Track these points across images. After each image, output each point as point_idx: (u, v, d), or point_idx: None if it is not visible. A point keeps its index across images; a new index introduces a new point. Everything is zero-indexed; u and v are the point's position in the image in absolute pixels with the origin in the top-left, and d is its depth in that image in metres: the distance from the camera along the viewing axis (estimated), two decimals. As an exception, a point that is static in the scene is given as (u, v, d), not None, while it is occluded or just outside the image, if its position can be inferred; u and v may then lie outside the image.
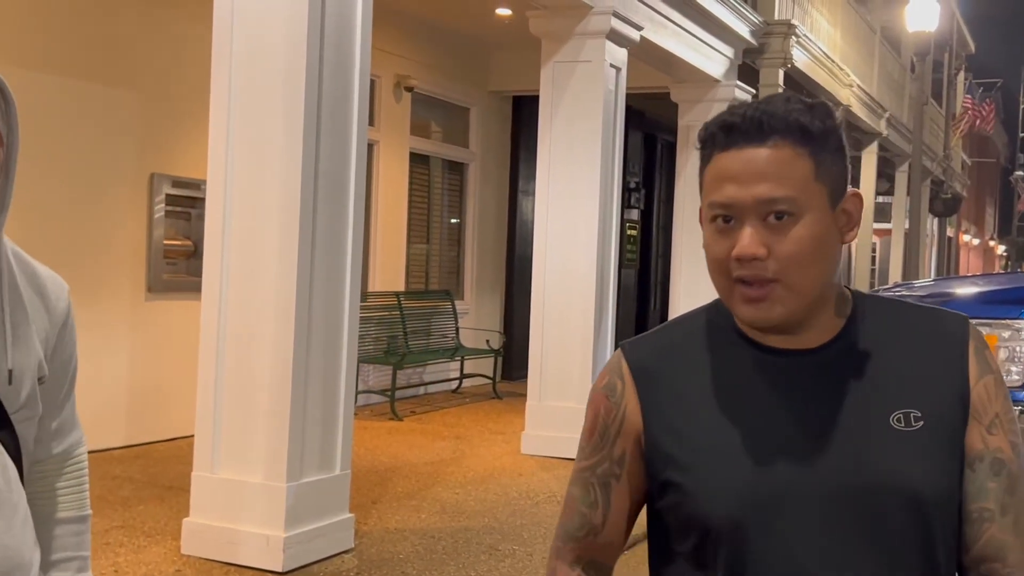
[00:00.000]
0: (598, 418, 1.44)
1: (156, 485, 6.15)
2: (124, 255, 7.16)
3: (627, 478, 1.42)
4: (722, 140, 1.32)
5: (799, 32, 11.37)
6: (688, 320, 1.47)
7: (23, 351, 1.58)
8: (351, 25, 4.95)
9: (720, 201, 1.31)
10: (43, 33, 6.47)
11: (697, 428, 1.34)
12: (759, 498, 1.29)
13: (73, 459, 1.75)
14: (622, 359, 1.44)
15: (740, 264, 1.29)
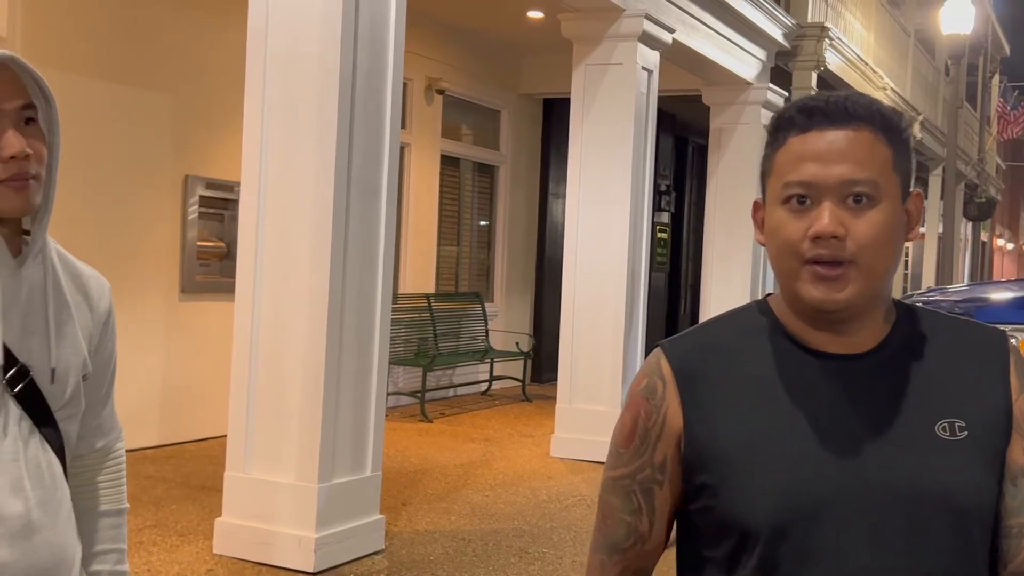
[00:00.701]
0: (638, 422, 1.40)
1: (188, 485, 6.20)
2: (158, 256, 7.22)
3: (669, 483, 1.38)
4: (802, 122, 1.31)
5: (832, 35, 11.30)
6: (729, 319, 1.45)
7: (67, 349, 1.61)
8: (384, 28, 4.98)
9: (799, 180, 1.29)
10: (81, 37, 6.54)
11: (739, 430, 1.32)
12: (800, 502, 1.28)
13: (113, 454, 1.79)
14: (662, 358, 1.40)
15: (817, 243, 1.27)
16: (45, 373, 1.57)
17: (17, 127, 1.49)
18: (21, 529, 1.51)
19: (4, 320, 1.51)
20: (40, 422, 1.57)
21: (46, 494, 1.56)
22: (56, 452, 1.60)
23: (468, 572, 4.87)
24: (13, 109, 1.49)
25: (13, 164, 1.48)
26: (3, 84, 1.49)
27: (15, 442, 1.53)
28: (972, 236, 29.17)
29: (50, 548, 1.55)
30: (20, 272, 1.54)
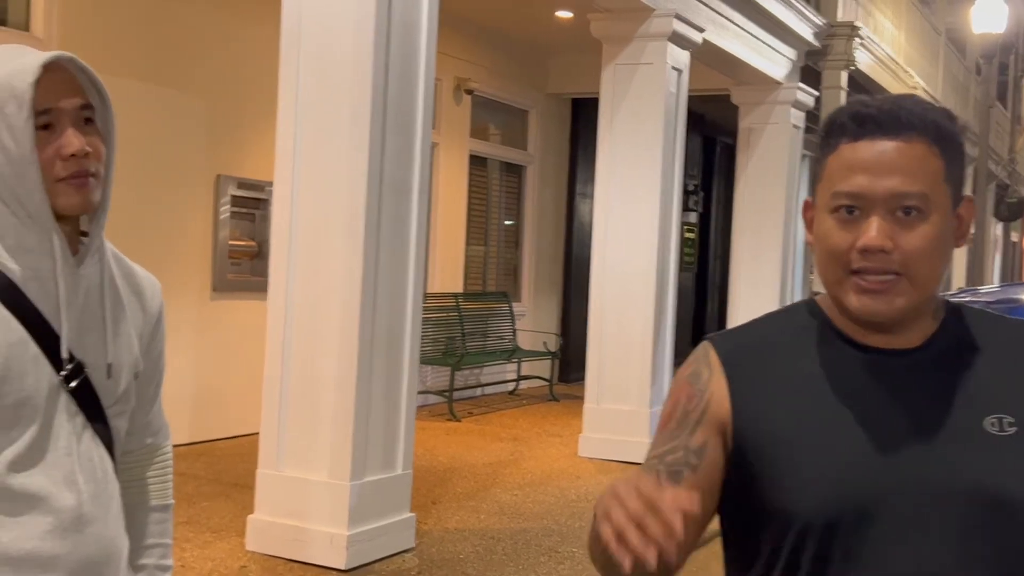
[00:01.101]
0: (678, 405, 1.38)
1: (220, 482, 6.25)
2: (190, 255, 7.28)
3: (705, 470, 1.34)
4: (853, 130, 1.30)
5: (863, 34, 11.24)
6: (778, 316, 1.45)
7: (121, 347, 1.64)
8: (416, 29, 5.00)
9: (849, 191, 1.28)
10: (115, 39, 6.60)
11: (788, 423, 1.32)
12: (849, 497, 1.28)
13: (161, 451, 1.82)
14: (710, 349, 1.41)
15: (864, 256, 1.27)
16: (100, 369, 1.59)
17: (76, 126, 1.52)
18: (73, 522, 1.54)
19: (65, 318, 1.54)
20: (92, 418, 1.60)
21: (98, 488, 1.59)
22: (107, 448, 1.63)
23: (498, 571, 4.89)
24: (72, 108, 1.52)
25: (73, 162, 1.51)
26: (62, 84, 1.51)
27: (69, 437, 1.56)
28: (1003, 236, 28.93)
29: (101, 541, 1.58)
30: (78, 271, 1.58)
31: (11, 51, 1.53)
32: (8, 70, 1.49)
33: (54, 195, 1.51)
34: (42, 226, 1.52)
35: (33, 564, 1.50)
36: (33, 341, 1.51)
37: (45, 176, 1.50)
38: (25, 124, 1.47)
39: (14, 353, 1.49)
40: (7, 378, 1.48)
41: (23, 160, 1.48)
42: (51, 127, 1.51)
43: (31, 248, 1.52)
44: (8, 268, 1.51)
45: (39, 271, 1.53)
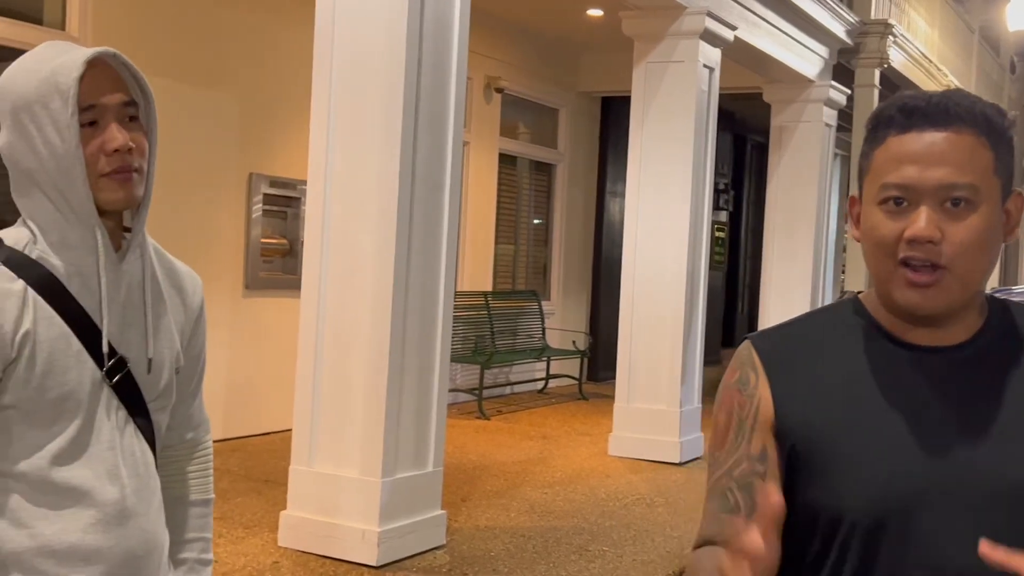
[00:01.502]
0: (732, 416, 1.38)
1: (253, 478, 6.29)
2: (223, 253, 7.33)
3: (772, 474, 1.35)
4: (901, 122, 1.29)
5: (896, 32, 11.15)
6: (819, 314, 1.45)
7: (162, 342, 1.65)
8: (449, 27, 5.01)
9: (897, 182, 1.28)
10: (148, 37, 6.66)
11: (833, 421, 1.32)
12: (896, 495, 1.27)
13: (201, 446, 1.83)
14: (752, 349, 1.40)
15: (911, 246, 1.26)
16: (142, 364, 1.61)
17: (120, 122, 1.53)
18: (116, 515, 1.56)
19: (107, 313, 1.56)
20: (135, 413, 1.61)
21: (140, 482, 1.60)
22: (148, 442, 1.65)
23: (529, 569, 4.89)
24: (116, 104, 1.53)
25: (117, 157, 1.52)
26: (106, 80, 1.53)
27: (112, 431, 1.57)
28: (1036, 236, 28.56)
29: (143, 535, 1.60)
30: (120, 266, 1.59)
31: (56, 48, 1.55)
32: (53, 66, 1.50)
33: (98, 190, 1.53)
34: (85, 222, 1.53)
35: (76, 557, 1.52)
36: (75, 336, 1.52)
37: (89, 172, 1.51)
38: (70, 120, 1.48)
39: (57, 348, 1.50)
40: (50, 372, 1.50)
41: (68, 156, 1.49)
42: (95, 123, 1.52)
43: (74, 244, 1.54)
44: (51, 264, 1.52)
45: (82, 267, 1.54)
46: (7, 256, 1.51)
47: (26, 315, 1.49)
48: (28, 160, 1.52)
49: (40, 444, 1.51)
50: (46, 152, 1.50)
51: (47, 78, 1.50)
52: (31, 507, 1.51)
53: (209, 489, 1.84)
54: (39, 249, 1.53)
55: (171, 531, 1.75)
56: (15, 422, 1.50)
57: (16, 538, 1.50)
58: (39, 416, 1.50)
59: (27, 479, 1.51)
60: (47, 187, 1.52)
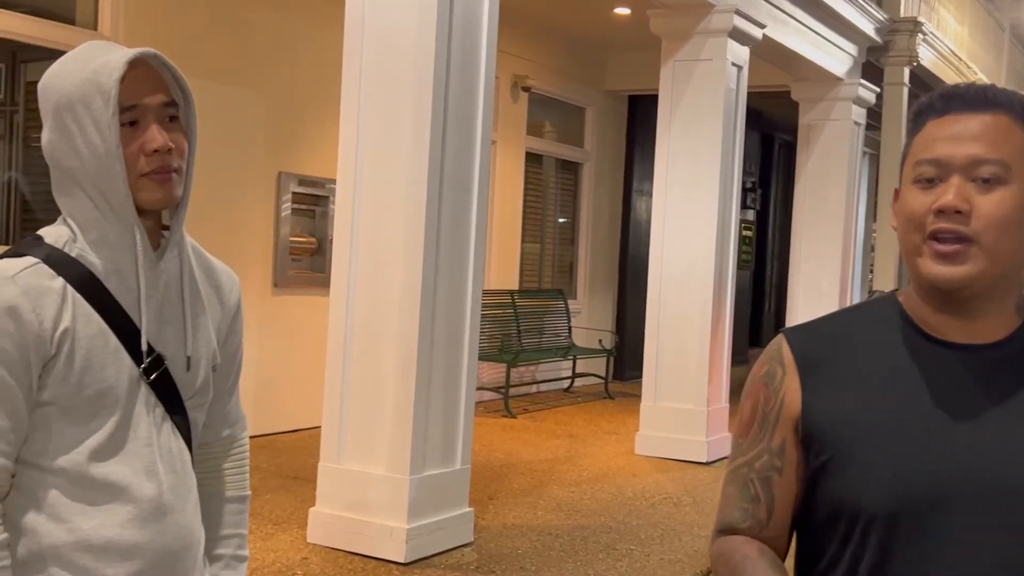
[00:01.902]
0: (756, 408, 1.41)
1: (282, 475, 6.33)
2: (253, 251, 7.38)
3: (789, 469, 1.38)
4: (940, 107, 1.32)
5: (925, 29, 11.07)
6: (854, 310, 1.46)
7: (200, 340, 1.67)
8: (477, 28, 5.02)
9: (929, 158, 1.30)
10: (179, 37, 6.71)
11: (859, 415, 1.33)
12: (918, 490, 1.28)
13: (238, 443, 1.84)
14: (783, 344, 1.42)
15: (939, 217, 1.28)
16: (180, 362, 1.62)
17: (160, 122, 1.55)
18: (154, 512, 1.57)
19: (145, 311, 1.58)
20: (172, 410, 1.63)
21: (177, 479, 1.62)
22: (185, 439, 1.66)
23: (556, 567, 4.90)
24: (156, 105, 1.55)
25: (156, 157, 1.53)
26: (146, 80, 1.54)
27: (149, 427, 1.59)
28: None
29: (180, 531, 1.61)
30: (159, 265, 1.60)
31: (98, 48, 1.57)
32: (95, 66, 1.52)
33: (137, 190, 1.54)
34: (125, 220, 1.55)
35: (114, 552, 1.54)
36: (113, 334, 1.54)
37: (129, 171, 1.53)
38: (111, 120, 1.50)
39: (95, 345, 1.52)
40: (88, 369, 1.52)
41: (108, 155, 1.51)
42: (136, 123, 1.53)
43: (113, 242, 1.55)
44: (90, 262, 1.54)
45: (120, 265, 1.56)
46: (47, 254, 1.53)
47: (65, 312, 1.51)
48: (69, 159, 1.54)
49: (78, 440, 1.53)
50: (87, 151, 1.52)
51: (89, 78, 1.51)
52: (69, 502, 1.53)
53: (245, 486, 1.85)
54: (79, 247, 1.55)
55: (207, 527, 1.76)
56: (54, 419, 1.52)
57: (55, 532, 1.52)
58: (77, 412, 1.52)
59: (66, 474, 1.53)
60: (87, 186, 1.54)
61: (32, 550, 1.52)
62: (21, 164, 6.16)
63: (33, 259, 1.52)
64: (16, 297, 1.48)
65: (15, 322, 1.47)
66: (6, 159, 6.14)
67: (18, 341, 1.47)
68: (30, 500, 1.53)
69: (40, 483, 1.53)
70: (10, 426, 1.49)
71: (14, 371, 1.48)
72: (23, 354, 1.48)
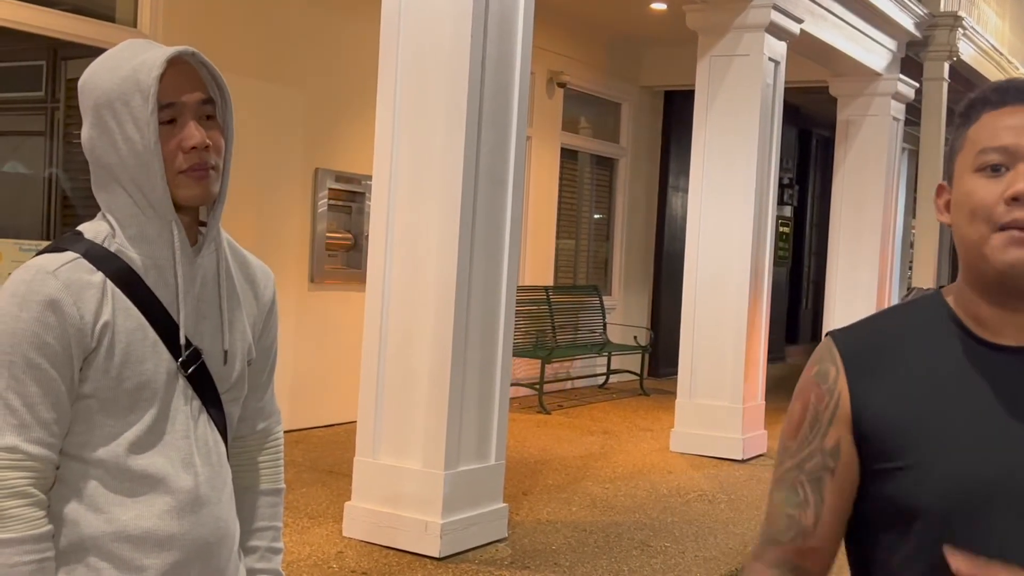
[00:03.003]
0: (808, 408, 1.38)
1: (317, 469, 6.37)
2: (290, 247, 7.43)
3: (842, 471, 1.35)
4: (996, 100, 1.31)
5: (966, 24, 10.93)
6: (900, 310, 1.44)
7: (236, 334, 1.69)
8: (513, 24, 5.02)
9: (996, 145, 1.28)
10: (217, 34, 6.77)
11: (911, 418, 1.31)
12: (970, 489, 1.26)
13: (273, 436, 1.86)
14: (833, 345, 1.39)
15: (1013, 206, 1.25)
16: (217, 356, 1.64)
17: (198, 120, 1.57)
18: (190, 503, 1.59)
19: (183, 305, 1.60)
20: (208, 403, 1.65)
21: (213, 471, 1.64)
22: (220, 432, 1.68)
23: (590, 563, 4.90)
24: (194, 102, 1.56)
25: (194, 154, 1.55)
26: (184, 78, 1.56)
27: (186, 420, 1.61)
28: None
29: (216, 523, 1.64)
30: (196, 260, 1.63)
31: (137, 46, 1.59)
32: (134, 64, 1.54)
33: (175, 186, 1.56)
34: (163, 216, 1.57)
35: (151, 542, 1.56)
36: (152, 328, 1.57)
37: (167, 168, 1.55)
38: (150, 117, 1.52)
39: (134, 339, 1.55)
40: (127, 362, 1.54)
41: (147, 152, 1.53)
42: (174, 121, 1.55)
43: (152, 238, 1.58)
44: (129, 257, 1.57)
45: (158, 260, 1.58)
46: (87, 248, 1.55)
47: (105, 306, 1.53)
48: (108, 155, 1.56)
49: (117, 432, 1.56)
50: (126, 148, 1.54)
51: (128, 76, 1.53)
52: (108, 493, 1.55)
53: (280, 479, 1.87)
54: (117, 242, 1.57)
55: (242, 520, 1.78)
56: (94, 411, 1.55)
57: (94, 522, 1.54)
58: (117, 405, 1.55)
59: (105, 466, 1.55)
60: (126, 182, 1.56)
61: (72, 540, 1.55)
62: (62, 160, 6.24)
63: (73, 254, 1.54)
64: (57, 291, 1.50)
65: (57, 316, 1.50)
66: (47, 155, 6.22)
67: (60, 334, 1.50)
68: (72, 491, 1.55)
69: (82, 475, 1.55)
70: (54, 418, 1.52)
71: (57, 364, 1.50)
72: (65, 347, 1.50)
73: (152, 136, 1.52)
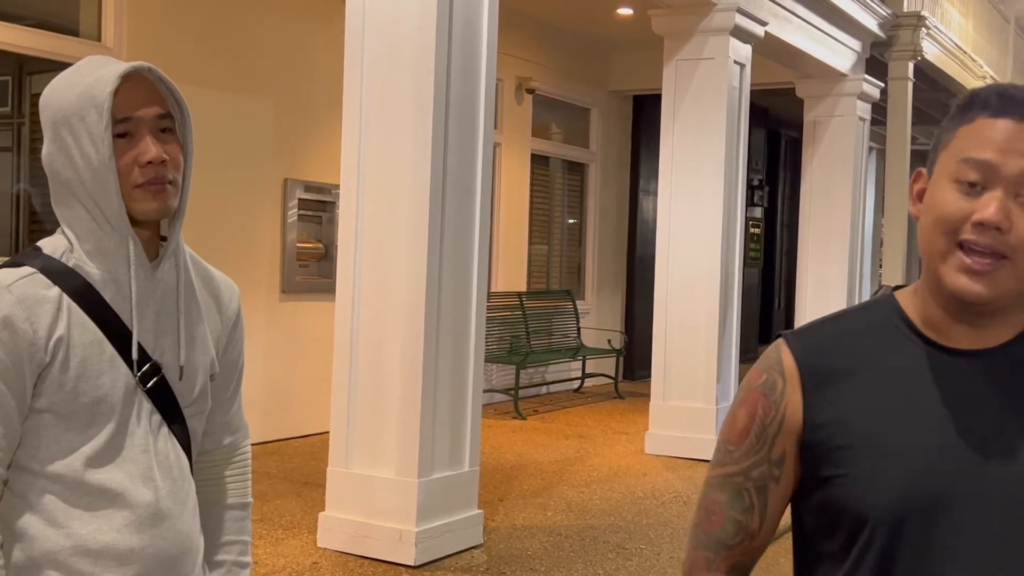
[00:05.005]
0: (754, 419, 1.37)
1: (292, 480, 6.35)
2: (261, 258, 7.41)
3: (785, 478, 1.36)
4: (997, 106, 1.27)
5: (929, 23, 11.05)
6: (854, 313, 1.42)
7: (197, 349, 1.69)
8: (478, 30, 5.04)
9: (978, 159, 1.25)
10: (183, 46, 6.75)
11: (862, 422, 1.31)
12: (921, 495, 1.26)
13: (239, 450, 1.86)
14: (784, 350, 1.38)
15: (976, 230, 1.23)
16: (175, 371, 1.65)
17: (154, 134, 1.58)
18: (150, 517, 1.60)
19: (139, 319, 1.60)
20: (169, 418, 1.65)
21: (174, 485, 1.64)
22: (183, 447, 1.69)
23: (566, 567, 4.91)
24: (150, 117, 1.57)
25: (151, 169, 1.56)
26: (140, 93, 1.57)
27: (146, 434, 1.61)
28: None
29: (177, 536, 1.64)
30: (155, 274, 1.63)
31: (95, 62, 1.60)
32: (90, 81, 1.55)
33: (131, 201, 1.57)
34: (119, 231, 1.58)
35: (111, 557, 1.56)
36: (109, 342, 1.57)
37: (123, 182, 1.56)
38: (104, 132, 1.53)
39: (90, 353, 1.55)
40: (83, 377, 1.54)
41: (102, 167, 1.54)
42: (130, 135, 1.56)
43: (109, 252, 1.58)
44: (87, 271, 1.57)
45: (116, 274, 1.59)
46: (44, 264, 1.56)
47: (60, 321, 1.54)
48: (66, 171, 1.57)
49: (75, 447, 1.56)
50: (82, 163, 1.55)
51: (84, 92, 1.55)
52: (67, 507, 1.56)
53: (247, 493, 1.87)
54: (75, 257, 1.58)
55: (209, 535, 1.78)
56: (51, 425, 1.55)
57: (52, 537, 1.54)
58: (74, 419, 1.55)
59: (62, 480, 1.56)
60: (83, 197, 1.57)
61: (31, 555, 1.55)
62: (29, 176, 6.20)
63: (30, 269, 1.55)
64: (11, 306, 1.51)
65: (9, 331, 1.50)
66: (14, 171, 6.19)
67: (12, 350, 1.50)
68: (29, 505, 1.56)
69: (39, 489, 1.55)
70: (2, 432, 1.52)
71: (7, 379, 1.51)
72: (16, 363, 1.51)
73: (107, 151, 1.53)
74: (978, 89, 1.32)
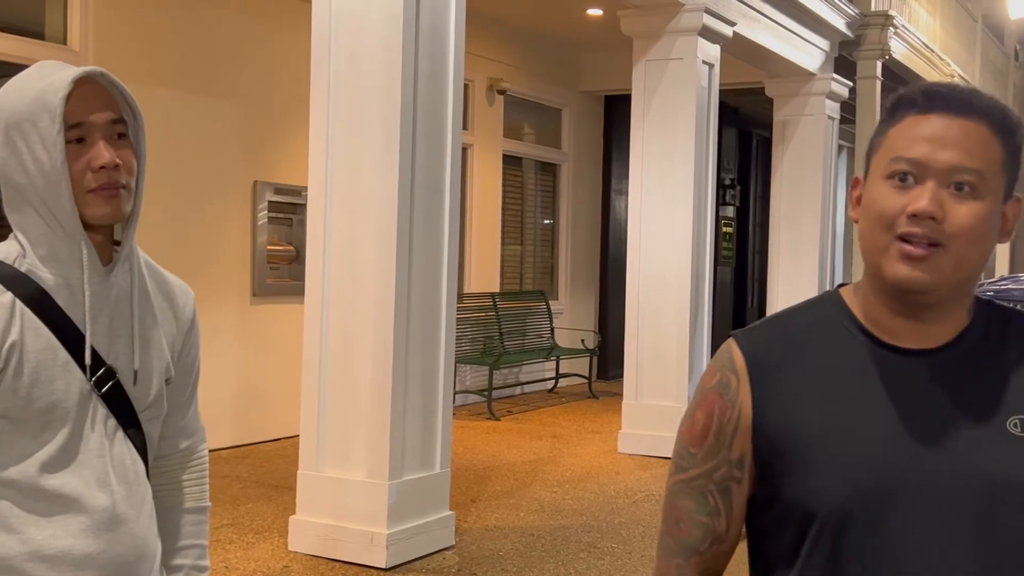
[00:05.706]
0: (712, 419, 1.39)
1: (263, 484, 6.33)
2: (230, 260, 7.38)
3: (746, 478, 1.37)
4: (923, 104, 1.31)
5: (897, 23, 11.14)
6: (802, 310, 1.44)
7: (151, 353, 1.68)
8: (445, 32, 5.04)
9: (910, 157, 1.29)
10: (150, 49, 6.71)
11: (808, 419, 1.32)
12: (868, 491, 1.28)
13: (196, 454, 1.86)
14: (734, 350, 1.39)
15: (912, 221, 1.27)
16: (130, 375, 1.64)
17: (107, 139, 1.57)
18: (106, 521, 1.59)
19: (92, 324, 1.59)
20: (125, 422, 1.64)
21: (130, 490, 1.64)
22: (139, 452, 1.68)
23: (537, 567, 4.92)
24: (103, 122, 1.57)
25: (103, 174, 1.56)
26: (93, 98, 1.57)
27: (101, 439, 1.61)
28: (1047, 224, 28.49)
29: (133, 541, 1.63)
30: (109, 279, 1.62)
31: (47, 67, 1.59)
32: (43, 86, 1.55)
33: (84, 206, 1.56)
34: (72, 236, 1.57)
35: (67, 562, 1.56)
36: (63, 347, 1.56)
37: (76, 187, 1.55)
38: (56, 137, 1.52)
39: (43, 359, 1.55)
40: (37, 382, 1.54)
41: (55, 171, 1.53)
42: (83, 140, 1.56)
43: (62, 257, 1.58)
44: (40, 276, 1.57)
45: (70, 279, 1.58)
46: None
47: (13, 326, 1.53)
48: (18, 176, 1.57)
49: (29, 452, 1.55)
50: (34, 168, 1.54)
51: (36, 97, 1.54)
52: (22, 513, 1.55)
53: (204, 497, 1.86)
54: (28, 262, 1.57)
55: (166, 539, 1.78)
56: (4, 431, 1.54)
57: (7, 543, 1.54)
58: (28, 425, 1.55)
59: (17, 486, 1.55)
60: (36, 202, 1.56)
61: None
62: (-6, 180, 6.15)
63: None
64: None
65: None
66: (-21, 176, 6.13)
67: None
68: None
69: None
70: None
71: None
72: None
73: (59, 156, 1.53)
74: (904, 90, 1.35)
